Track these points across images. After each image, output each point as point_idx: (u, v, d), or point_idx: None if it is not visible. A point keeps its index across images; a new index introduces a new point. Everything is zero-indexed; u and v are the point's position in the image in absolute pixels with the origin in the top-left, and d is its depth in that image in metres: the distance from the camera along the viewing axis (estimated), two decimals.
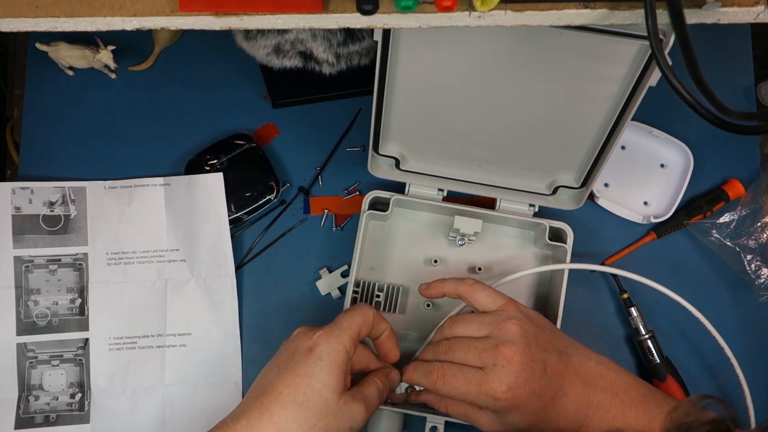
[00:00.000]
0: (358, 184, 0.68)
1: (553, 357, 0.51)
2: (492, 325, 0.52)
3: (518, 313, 0.52)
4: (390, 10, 0.39)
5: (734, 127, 0.37)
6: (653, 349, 0.63)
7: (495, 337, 0.51)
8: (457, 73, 0.51)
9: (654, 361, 0.63)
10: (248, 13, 0.40)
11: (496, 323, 0.51)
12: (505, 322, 0.51)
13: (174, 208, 0.65)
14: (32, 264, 0.64)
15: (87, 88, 0.70)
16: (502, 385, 0.49)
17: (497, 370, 0.49)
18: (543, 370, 0.49)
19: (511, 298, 0.54)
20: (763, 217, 0.67)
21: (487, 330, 0.52)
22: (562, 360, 0.51)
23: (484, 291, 0.54)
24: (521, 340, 0.50)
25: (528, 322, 0.51)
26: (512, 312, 0.52)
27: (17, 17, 0.41)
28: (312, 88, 0.69)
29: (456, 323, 0.54)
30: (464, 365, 0.51)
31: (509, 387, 0.48)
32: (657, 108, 0.66)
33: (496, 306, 0.53)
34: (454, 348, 0.52)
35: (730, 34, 0.73)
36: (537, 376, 0.49)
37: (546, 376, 0.49)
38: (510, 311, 0.52)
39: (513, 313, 0.52)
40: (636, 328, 0.64)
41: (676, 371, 0.63)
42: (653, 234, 0.67)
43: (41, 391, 0.63)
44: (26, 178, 0.67)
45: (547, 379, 0.49)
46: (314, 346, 0.50)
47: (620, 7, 0.40)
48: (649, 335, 0.63)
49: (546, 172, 0.62)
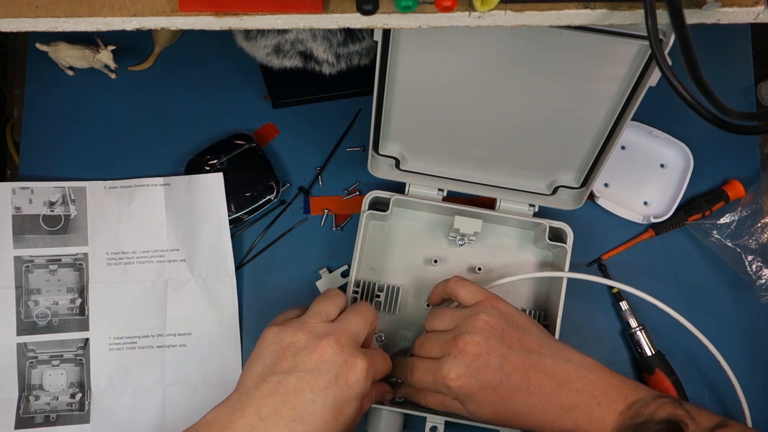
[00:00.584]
0: (358, 184, 0.68)
1: (518, 354, 0.51)
2: (461, 318, 0.53)
3: (490, 308, 0.53)
4: (390, 10, 0.39)
5: (734, 127, 0.37)
6: (643, 342, 0.64)
7: (458, 329, 0.52)
8: (457, 73, 0.51)
9: (644, 354, 0.64)
10: (248, 13, 0.40)
11: (465, 317, 0.53)
12: (472, 316, 0.52)
13: (174, 208, 0.65)
14: (32, 264, 0.64)
15: (87, 88, 0.70)
16: (451, 372, 0.50)
17: (449, 359, 0.51)
18: (500, 365, 0.50)
19: (492, 294, 0.55)
20: (764, 218, 0.67)
21: (455, 323, 0.53)
22: (528, 358, 0.51)
23: (465, 287, 0.56)
24: (481, 333, 0.51)
25: (498, 318, 0.52)
26: (484, 307, 0.53)
27: (17, 17, 0.41)
28: (312, 88, 0.69)
29: (432, 317, 0.56)
30: (427, 357, 0.53)
31: (458, 375, 0.50)
32: (657, 108, 0.66)
33: (473, 301, 0.54)
34: (424, 342, 0.55)
35: (730, 34, 0.73)
36: (491, 368, 0.50)
37: (503, 370, 0.50)
38: (482, 306, 0.53)
39: (484, 308, 0.53)
40: (627, 322, 0.65)
41: (668, 364, 0.64)
42: (651, 231, 0.67)
43: (41, 391, 0.63)
44: (26, 178, 0.67)
45: (505, 374, 0.50)
46: (353, 383, 0.50)
47: (620, 7, 0.40)
48: (640, 328, 0.64)
49: (546, 172, 0.62)
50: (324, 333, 0.51)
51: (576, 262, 0.67)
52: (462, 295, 0.56)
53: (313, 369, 0.49)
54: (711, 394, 0.65)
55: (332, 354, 0.50)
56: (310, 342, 0.50)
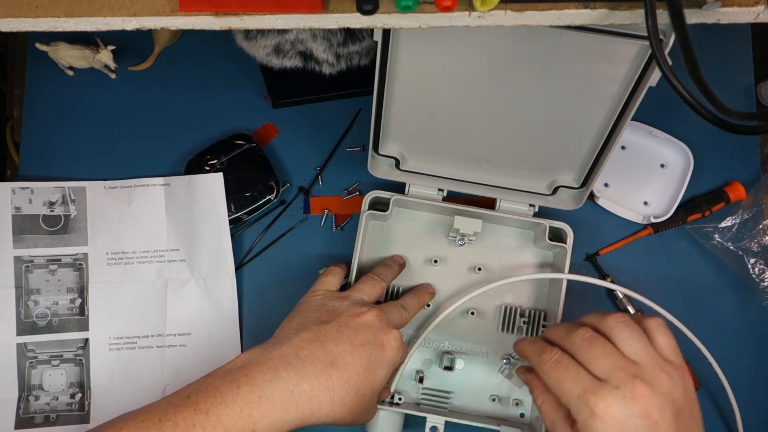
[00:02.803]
0: (358, 184, 0.68)
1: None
2: (651, 359, 0.45)
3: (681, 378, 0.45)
4: (390, 10, 0.39)
5: (734, 127, 0.37)
6: None
7: (642, 369, 0.44)
8: (457, 73, 0.51)
9: None
10: (248, 13, 0.40)
11: (655, 362, 0.45)
12: (665, 370, 0.45)
13: (174, 208, 0.65)
14: (32, 264, 0.64)
15: (87, 88, 0.70)
16: (609, 407, 0.43)
17: (615, 393, 0.43)
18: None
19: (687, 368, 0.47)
20: (765, 220, 0.67)
21: (642, 358, 0.45)
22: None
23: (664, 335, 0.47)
24: (662, 396, 0.43)
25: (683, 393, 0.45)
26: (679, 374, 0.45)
27: (17, 17, 0.41)
28: (312, 88, 0.69)
29: (621, 324, 0.46)
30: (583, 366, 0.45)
31: (611, 416, 0.42)
32: (657, 108, 0.66)
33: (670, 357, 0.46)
34: (594, 344, 0.46)
35: (730, 34, 0.73)
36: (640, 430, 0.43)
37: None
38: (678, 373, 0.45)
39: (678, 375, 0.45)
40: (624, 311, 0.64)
41: None
42: (650, 228, 0.67)
43: (41, 391, 0.63)
44: (26, 178, 0.67)
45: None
46: (388, 348, 0.53)
47: (620, 7, 0.40)
48: None
49: (546, 172, 0.62)
50: (367, 304, 0.55)
51: (576, 261, 0.67)
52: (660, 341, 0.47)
53: (354, 326, 0.52)
54: (708, 397, 0.65)
55: (372, 319, 0.53)
56: (353, 307, 0.54)
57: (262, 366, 0.48)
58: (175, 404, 0.46)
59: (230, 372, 0.47)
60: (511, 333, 0.63)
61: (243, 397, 0.46)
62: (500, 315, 0.64)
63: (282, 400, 0.46)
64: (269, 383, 0.47)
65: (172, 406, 0.45)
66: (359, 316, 0.53)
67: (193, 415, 0.45)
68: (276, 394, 0.46)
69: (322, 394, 0.48)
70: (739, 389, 0.62)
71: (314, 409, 0.47)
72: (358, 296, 0.56)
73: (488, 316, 0.64)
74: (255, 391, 0.46)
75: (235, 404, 0.45)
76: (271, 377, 0.47)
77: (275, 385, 0.47)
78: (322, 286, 0.58)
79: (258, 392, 0.46)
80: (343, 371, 0.49)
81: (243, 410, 0.45)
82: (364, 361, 0.50)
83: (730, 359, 0.63)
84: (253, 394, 0.46)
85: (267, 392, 0.46)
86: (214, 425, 0.44)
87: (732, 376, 0.61)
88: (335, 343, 0.50)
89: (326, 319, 0.53)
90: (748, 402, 0.63)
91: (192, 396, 0.46)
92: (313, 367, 0.48)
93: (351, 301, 0.55)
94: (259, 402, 0.46)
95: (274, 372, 0.47)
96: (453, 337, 0.64)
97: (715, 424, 0.64)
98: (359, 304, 0.55)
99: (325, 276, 0.59)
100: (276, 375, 0.47)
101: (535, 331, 0.63)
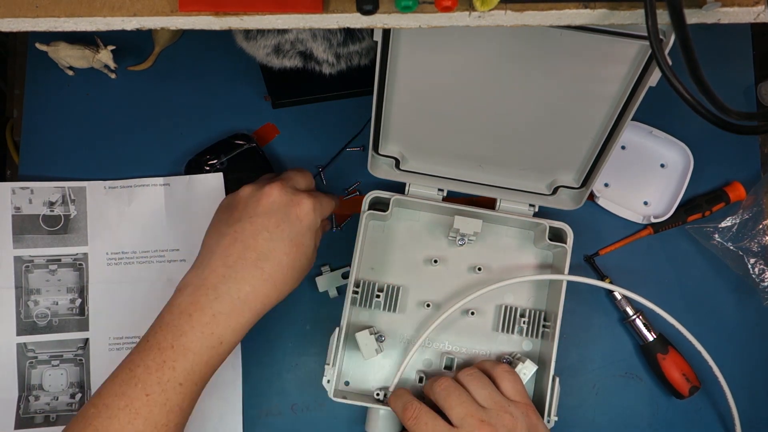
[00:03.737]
0: (358, 184, 0.68)
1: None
2: (496, 403, 0.53)
3: (524, 416, 0.54)
4: (390, 10, 0.39)
5: (734, 127, 0.37)
6: (643, 328, 0.64)
7: (489, 413, 0.52)
8: (457, 73, 0.51)
9: (647, 339, 0.64)
10: (248, 13, 0.40)
11: (500, 405, 0.53)
12: (508, 411, 0.53)
13: (174, 208, 0.65)
14: (32, 264, 0.64)
15: (87, 88, 0.70)
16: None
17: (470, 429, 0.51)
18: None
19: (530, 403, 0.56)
20: (765, 220, 0.67)
21: (489, 403, 0.53)
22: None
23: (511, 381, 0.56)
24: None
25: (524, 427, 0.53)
26: (522, 411, 0.54)
27: (17, 17, 0.41)
28: (312, 88, 0.69)
29: (471, 377, 0.55)
30: (439, 418, 0.53)
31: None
32: (657, 108, 0.66)
33: (515, 397, 0.55)
34: (451, 393, 0.54)
35: (730, 34, 0.73)
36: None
37: None
38: (520, 411, 0.54)
39: (521, 412, 0.54)
40: (623, 311, 0.65)
41: (673, 345, 0.64)
42: (650, 228, 0.67)
43: (41, 391, 0.63)
44: (26, 178, 0.67)
45: None
46: (303, 217, 0.53)
47: (620, 7, 0.40)
48: (637, 315, 0.64)
49: (546, 172, 0.62)
50: (266, 183, 0.55)
51: (576, 262, 0.67)
52: (505, 386, 0.56)
53: (264, 212, 0.53)
54: (706, 397, 0.65)
55: (278, 195, 0.53)
56: (255, 191, 0.54)
57: (202, 288, 0.50)
58: (139, 351, 0.49)
59: (176, 306, 0.50)
60: (511, 333, 0.63)
61: (198, 320, 0.49)
62: (500, 315, 0.64)
63: (233, 310, 0.50)
64: (215, 300, 0.50)
65: (137, 354, 0.49)
66: (263, 198, 0.53)
67: (159, 353, 0.48)
68: (225, 306, 0.49)
69: (263, 286, 0.51)
70: (738, 389, 0.62)
71: (264, 301, 0.51)
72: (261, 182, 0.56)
73: (488, 316, 0.64)
74: (206, 312, 0.49)
75: (194, 331, 0.49)
76: (213, 295, 0.50)
77: (221, 300, 0.50)
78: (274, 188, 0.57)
79: (209, 312, 0.49)
80: (272, 258, 0.51)
81: (203, 332, 0.49)
82: (286, 241, 0.52)
83: (730, 359, 0.63)
84: (205, 315, 0.49)
85: (216, 308, 0.49)
86: (183, 354, 0.48)
87: (731, 376, 0.61)
88: (254, 236, 0.52)
89: (236, 217, 0.53)
90: (747, 402, 0.63)
91: (151, 339, 0.49)
92: (244, 268, 0.51)
93: (252, 186, 0.55)
94: (214, 319, 0.49)
95: (214, 289, 0.50)
96: (453, 337, 0.64)
97: (714, 424, 0.64)
98: (260, 186, 0.55)
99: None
100: (216, 291, 0.50)
101: (535, 331, 0.63)
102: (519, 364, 0.59)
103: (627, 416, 0.65)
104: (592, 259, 0.67)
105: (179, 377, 0.48)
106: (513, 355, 0.63)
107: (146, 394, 0.47)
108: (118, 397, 0.47)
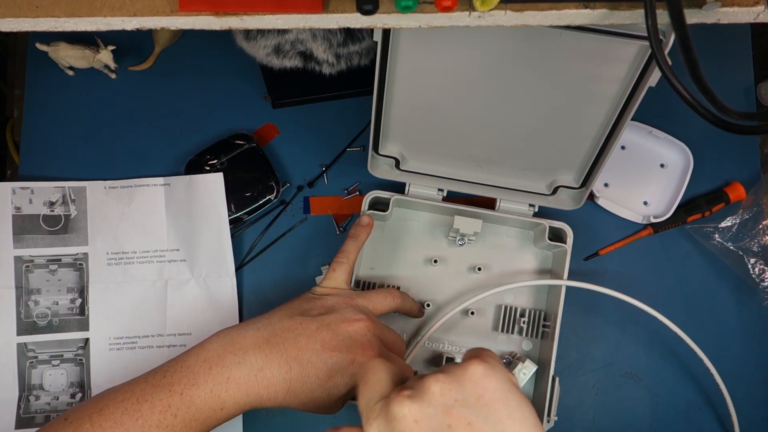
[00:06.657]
0: (358, 185, 0.68)
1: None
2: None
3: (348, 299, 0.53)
4: (390, 10, 0.39)
5: (734, 127, 0.37)
6: None
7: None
8: (457, 73, 0.51)
9: None
10: (248, 13, 0.40)
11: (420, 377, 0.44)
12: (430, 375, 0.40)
13: (174, 208, 0.65)
14: (32, 264, 0.64)
15: (87, 88, 0.70)
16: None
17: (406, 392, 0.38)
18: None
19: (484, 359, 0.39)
20: (765, 220, 0.67)
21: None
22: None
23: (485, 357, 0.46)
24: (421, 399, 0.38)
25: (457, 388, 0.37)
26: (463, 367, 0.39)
27: (17, 17, 0.41)
28: (312, 88, 0.69)
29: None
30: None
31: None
32: (657, 108, 0.66)
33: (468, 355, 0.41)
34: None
35: (730, 34, 0.73)
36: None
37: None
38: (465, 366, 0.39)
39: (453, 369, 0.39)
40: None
41: None
42: (650, 229, 0.67)
43: (41, 391, 0.63)
44: (26, 178, 0.67)
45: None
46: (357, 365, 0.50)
47: (620, 7, 0.40)
48: None
49: (546, 172, 0.62)
50: (363, 313, 0.53)
51: (576, 262, 0.67)
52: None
53: (336, 331, 0.51)
54: (704, 397, 0.65)
55: (358, 330, 0.51)
56: (348, 312, 0.53)
57: (234, 347, 0.50)
58: (153, 384, 0.48)
59: (204, 351, 0.50)
60: (510, 333, 0.63)
61: (213, 378, 0.48)
62: (500, 315, 0.64)
63: (246, 383, 0.49)
64: (237, 365, 0.49)
65: (150, 386, 0.48)
66: (349, 322, 0.52)
67: (168, 396, 0.48)
68: (242, 376, 0.49)
69: (280, 384, 0.49)
70: (738, 390, 0.62)
71: (271, 395, 0.50)
72: (363, 304, 0.55)
73: (488, 317, 0.64)
74: (224, 372, 0.48)
75: (206, 385, 0.48)
76: (239, 359, 0.49)
77: (242, 368, 0.49)
78: (330, 283, 0.57)
79: (227, 374, 0.48)
80: (304, 369, 0.50)
81: (213, 391, 0.48)
82: (327, 367, 0.50)
83: (730, 359, 0.63)
84: (222, 375, 0.48)
85: (234, 374, 0.49)
86: (188, 406, 0.48)
87: (731, 376, 0.61)
88: (308, 339, 0.50)
89: (314, 314, 0.52)
90: (746, 402, 0.63)
91: (168, 375, 0.49)
92: (279, 356, 0.50)
93: (349, 304, 0.54)
94: (227, 383, 0.48)
95: (243, 354, 0.49)
96: (453, 337, 0.64)
97: (713, 424, 0.65)
98: (357, 310, 0.53)
99: (333, 271, 0.57)
100: (244, 358, 0.49)
101: (534, 331, 0.63)
102: (519, 364, 0.59)
103: (627, 416, 0.65)
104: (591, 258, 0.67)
105: (177, 426, 0.48)
106: (513, 355, 0.63)
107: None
108: (117, 425, 0.47)
